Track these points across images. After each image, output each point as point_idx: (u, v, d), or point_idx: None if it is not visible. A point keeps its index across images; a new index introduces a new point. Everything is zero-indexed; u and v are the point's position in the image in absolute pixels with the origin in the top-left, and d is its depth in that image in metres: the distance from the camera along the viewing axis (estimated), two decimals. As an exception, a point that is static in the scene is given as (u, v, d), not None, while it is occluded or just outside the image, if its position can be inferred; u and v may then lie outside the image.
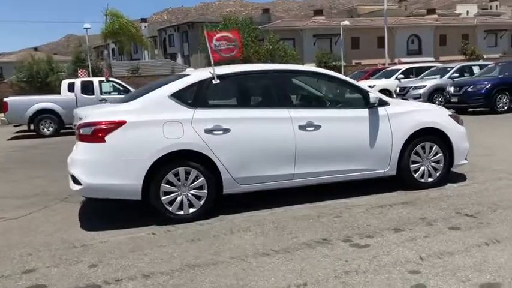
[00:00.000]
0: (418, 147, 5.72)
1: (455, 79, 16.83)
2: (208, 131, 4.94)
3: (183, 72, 6.11)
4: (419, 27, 47.63)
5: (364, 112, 5.55)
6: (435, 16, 53.70)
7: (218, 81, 5.15)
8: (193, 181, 4.93)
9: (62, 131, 15.50)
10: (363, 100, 5.58)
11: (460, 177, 6.22)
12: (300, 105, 5.42)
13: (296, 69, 5.82)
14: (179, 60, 50.84)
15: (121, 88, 16.14)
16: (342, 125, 5.44)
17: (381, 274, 3.45)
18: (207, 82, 5.16)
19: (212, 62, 5.30)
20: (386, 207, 5.14)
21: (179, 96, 5.05)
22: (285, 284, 3.37)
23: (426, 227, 4.44)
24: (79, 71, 23.36)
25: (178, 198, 4.91)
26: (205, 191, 4.98)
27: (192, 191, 4.95)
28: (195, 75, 5.28)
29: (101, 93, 15.93)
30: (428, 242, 4.03)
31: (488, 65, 17.42)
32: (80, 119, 5.40)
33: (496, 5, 72.45)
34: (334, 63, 38.82)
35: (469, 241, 4.00)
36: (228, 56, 5.40)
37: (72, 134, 6.92)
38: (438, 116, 5.94)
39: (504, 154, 7.78)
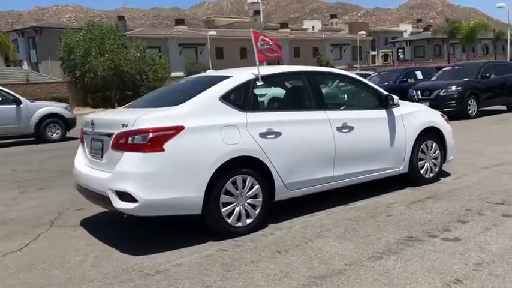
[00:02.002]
0: (423, 145, 6.11)
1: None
2: (263, 135, 4.64)
3: (217, 73, 5.60)
4: (278, 40, 50.35)
5: (383, 113, 5.75)
6: (288, 30, 57.46)
7: (262, 82, 4.87)
8: (250, 189, 4.58)
9: None
10: (381, 101, 5.78)
11: (444, 173, 6.78)
12: (333, 107, 5.39)
13: (328, 71, 5.77)
14: (25, 68, 46.07)
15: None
16: (369, 126, 5.56)
17: (510, 262, 3.61)
18: (252, 83, 4.84)
19: (257, 62, 4.98)
20: (419, 203, 5.36)
21: (228, 99, 4.65)
22: (439, 283, 3.32)
23: (482, 216, 4.74)
24: None
25: (236, 209, 4.51)
26: (260, 199, 4.66)
27: (249, 200, 4.59)
28: (239, 76, 4.90)
29: None
30: (506, 229, 4.33)
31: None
32: (93, 124, 4.65)
33: (336, 22, 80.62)
34: (202, 72, 39.06)
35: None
36: (272, 57, 5.12)
37: None
38: (435, 116, 6.42)
39: (473, 151, 8.66)
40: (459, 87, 14.32)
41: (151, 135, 4.09)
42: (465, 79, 14.90)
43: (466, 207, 5.09)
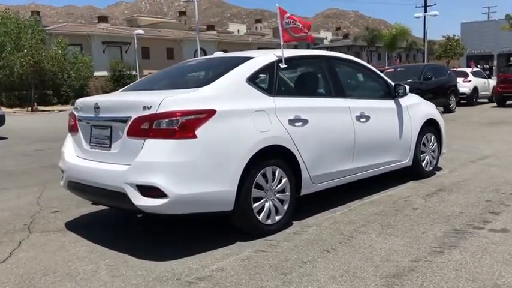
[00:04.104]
0: (424, 138, 5.96)
1: None
2: (291, 123, 4.17)
3: (233, 55, 5.00)
4: (204, 42, 49.53)
5: (392, 103, 5.51)
6: (215, 32, 56.89)
7: (285, 65, 4.40)
8: (278, 183, 4.10)
9: None
10: (389, 91, 5.54)
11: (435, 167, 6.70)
12: (350, 95, 5.02)
13: (347, 57, 5.37)
14: None
15: None
16: (383, 116, 5.28)
17: None
18: (276, 65, 4.36)
19: (282, 43, 4.48)
20: (434, 196, 5.15)
21: (255, 81, 4.13)
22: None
23: (509, 207, 4.62)
24: None
25: (266, 205, 4.00)
26: (288, 193, 4.18)
27: (277, 195, 4.11)
28: (262, 57, 4.38)
29: None
30: (545, 219, 4.23)
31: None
32: (98, 108, 3.91)
33: (261, 26, 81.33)
34: (128, 72, 37.41)
35: None
36: (298, 37, 4.61)
37: None
38: (433, 108, 6.30)
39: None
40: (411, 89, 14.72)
41: (182, 119, 3.48)
42: (409, 80, 15.28)
43: (485, 198, 4.97)
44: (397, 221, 4.31)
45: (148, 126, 3.50)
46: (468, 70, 21.17)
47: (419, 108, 5.89)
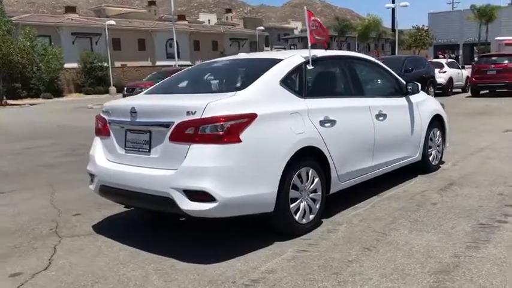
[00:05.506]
0: (431, 133, 6.16)
1: None
2: (322, 124, 4.27)
3: (257, 56, 5.01)
4: (177, 32, 48.93)
5: (404, 100, 5.67)
6: (186, 22, 56.25)
7: (312, 66, 4.48)
8: (311, 183, 4.19)
9: None
10: (400, 89, 5.70)
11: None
12: (369, 94, 5.15)
13: (362, 56, 5.48)
14: None
15: None
16: (397, 113, 5.43)
17: None
18: (304, 67, 4.42)
19: (309, 44, 4.54)
20: (448, 190, 5.34)
21: (287, 83, 4.19)
22: None
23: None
24: None
25: (301, 205, 4.09)
26: (320, 193, 4.28)
27: (311, 195, 4.20)
28: (291, 59, 4.42)
29: None
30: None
31: None
32: (135, 113, 3.88)
33: (231, 17, 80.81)
34: (100, 64, 36.70)
35: None
36: (319, 40, 4.67)
37: None
38: (438, 104, 6.51)
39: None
40: None
41: (228, 123, 3.51)
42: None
43: (496, 191, 5.19)
44: (422, 216, 4.47)
45: (194, 131, 3.52)
46: (443, 61, 21.74)
47: (427, 104, 6.08)
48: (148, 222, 4.80)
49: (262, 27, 56.31)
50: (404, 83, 5.69)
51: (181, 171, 3.52)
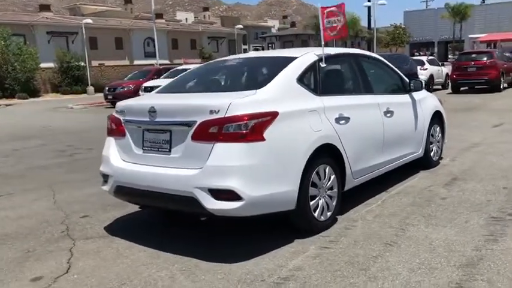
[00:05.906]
0: (432, 129, 6.26)
1: None
2: (337, 121, 4.29)
3: (269, 54, 4.98)
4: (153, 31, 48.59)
5: (408, 97, 5.75)
6: (163, 20, 55.74)
7: (325, 64, 4.49)
8: (328, 180, 4.21)
9: None
10: (404, 86, 5.77)
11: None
12: (377, 91, 5.19)
13: (370, 54, 5.53)
14: None
15: None
16: (403, 110, 5.50)
17: None
18: (317, 65, 4.43)
19: (323, 42, 4.54)
20: (453, 185, 5.43)
21: (303, 81, 4.21)
22: None
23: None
24: None
25: (320, 202, 4.11)
26: (336, 190, 4.31)
27: (328, 192, 4.22)
28: (305, 56, 4.42)
29: None
30: None
31: None
32: (154, 112, 3.83)
33: (209, 15, 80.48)
34: (77, 63, 35.99)
35: None
36: (333, 36, 4.66)
37: None
38: (437, 100, 6.61)
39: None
40: None
41: (252, 122, 3.50)
42: None
43: (500, 185, 5.30)
44: (434, 211, 4.54)
45: (217, 130, 3.49)
46: (424, 58, 22.10)
47: (428, 101, 6.17)
48: (159, 222, 4.76)
49: (240, 26, 56.21)
50: (408, 80, 5.76)
51: (206, 170, 3.49)
